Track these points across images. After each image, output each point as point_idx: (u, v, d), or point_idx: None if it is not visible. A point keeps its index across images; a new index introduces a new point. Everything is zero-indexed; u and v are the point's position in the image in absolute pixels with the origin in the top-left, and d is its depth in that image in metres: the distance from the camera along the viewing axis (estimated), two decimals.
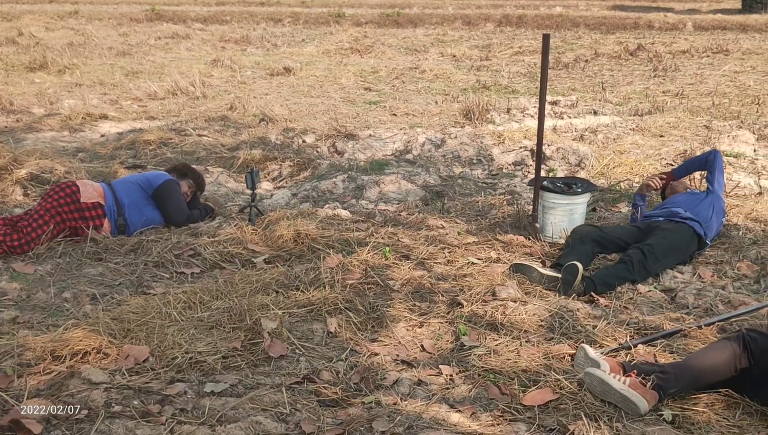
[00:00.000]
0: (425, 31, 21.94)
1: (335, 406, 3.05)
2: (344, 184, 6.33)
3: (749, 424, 2.97)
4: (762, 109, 9.92)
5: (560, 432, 2.86)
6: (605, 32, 21.58)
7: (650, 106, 10.13)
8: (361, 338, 3.64)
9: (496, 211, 5.71)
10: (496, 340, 3.62)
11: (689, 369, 3.06)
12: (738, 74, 13.40)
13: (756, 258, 4.68)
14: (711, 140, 7.94)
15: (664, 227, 4.72)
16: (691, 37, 20.23)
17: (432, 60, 15.55)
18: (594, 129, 8.73)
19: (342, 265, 4.36)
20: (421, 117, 9.57)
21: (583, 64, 14.91)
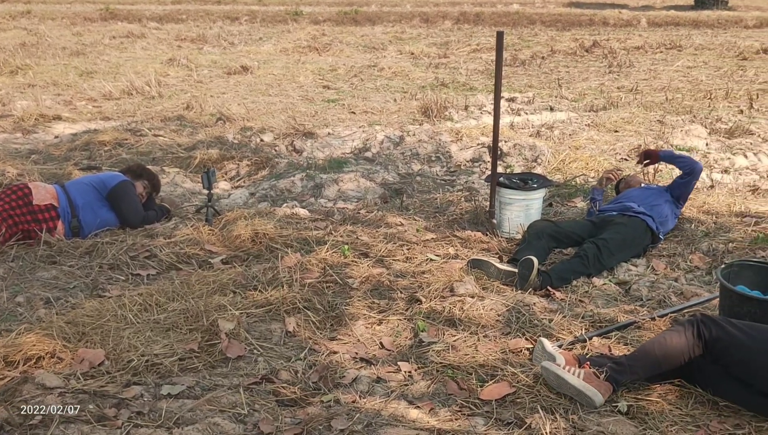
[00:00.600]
0: (383, 28, 21.97)
1: (294, 406, 3.04)
2: (303, 182, 6.31)
3: (702, 413, 3.03)
4: (714, 103, 10.13)
5: (517, 425, 2.89)
6: (561, 29, 21.85)
7: (605, 101, 10.28)
8: (320, 337, 3.64)
9: (454, 207, 5.74)
10: (455, 335, 3.64)
11: (643, 357, 3.11)
12: (690, 69, 13.66)
13: (708, 250, 4.78)
14: (664, 135, 8.09)
15: (617, 221, 4.80)
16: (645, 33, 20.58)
17: (390, 58, 15.58)
18: (550, 125, 8.83)
19: (300, 264, 4.35)
20: (379, 115, 9.58)
21: (539, 61, 15.07)
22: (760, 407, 2.96)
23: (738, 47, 16.31)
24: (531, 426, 2.86)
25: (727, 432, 2.89)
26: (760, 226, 5.05)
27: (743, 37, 18.95)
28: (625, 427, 2.90)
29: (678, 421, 2.96)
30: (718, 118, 9.03)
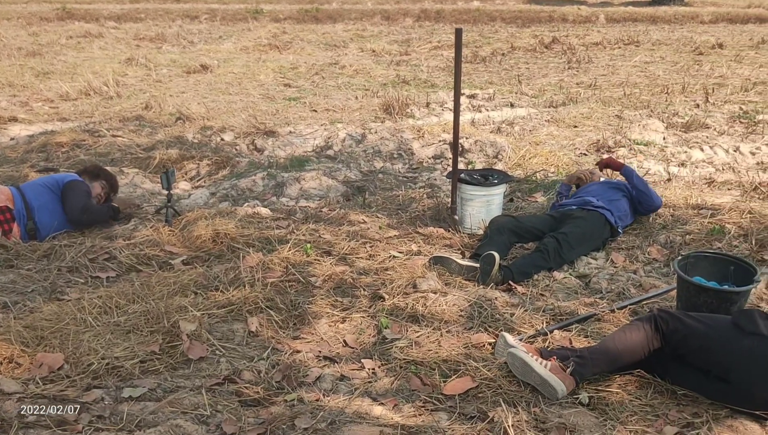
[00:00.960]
0: (344, 26, 21.94)
1: (257, 406, 3.03)
2: (264, 181, 6.28)
3: (661, 402, 3.08)
4: (671, 98, 10.30)
5: (480, 419, 2.91)
6: (521, 26, 22.03)
7: (564, 97, 10.39)
8: (283, 336, 3.62)
9: (416, 204, 5.75)
10: (418, 331, 3.65)
11: (605, 352, 3.15)
12: (648, 65, 13.86)
13: (665, 242, 4.86)
14: (622, 129, 8.19)
15: (577, 215, 4.86)
16: (603, 29, 20.83)
17: (352, 55, 15.57)
18: (511, 121, 8.90)
19: (262, 264, 4.33)
20: (341, 113, 9.57)
21: (500, 58, 15.17)
22: (717, 394, 3.02)
23: (694, 42, 16.58)
24: (494, 419, 2.88)
25: (686, 420, 2.94)
26: (716, 218, 5.15)
27: (699, 33, 19.29)
28: (586, 418, 2.94)
29: (638, 411, 3.00)
30: (674, 113, 9.18)
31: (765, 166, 6.91)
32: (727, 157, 7.23)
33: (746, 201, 5.61)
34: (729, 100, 10.10)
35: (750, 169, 6.81)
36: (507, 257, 4.69)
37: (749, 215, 5.12)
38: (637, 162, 6.99)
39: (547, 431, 2.82)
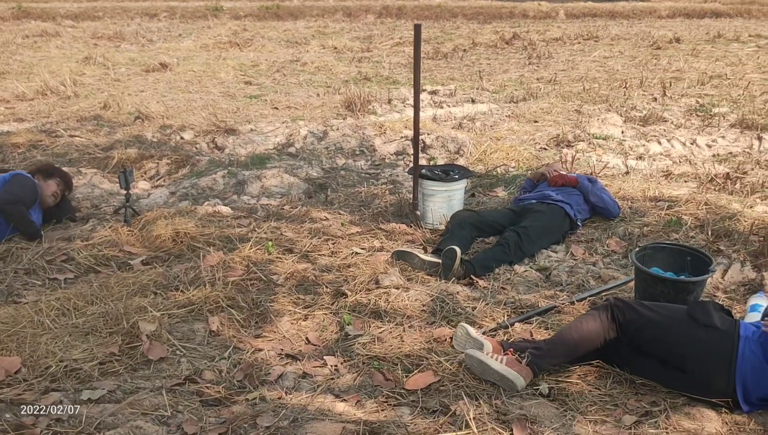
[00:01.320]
0: (306, 23, 21.86)
1: (218, 405, 3.01)
2: (225, 180, 6.23)
3: (620, 392, 3.13)
4: (629, 92, 10.44)
5: (443, 413, 2.92)
6: (482, 22, 22.15)
7: (525, 93, 10.46)
8: (245, 335, 3.60)
9: (378, 200, 5.75)
10: (380, 327, 3.66)
11: (562, 343, 3.19)
12: (607, 59, 14.04)
13: (624, 234, 4.93)
14: (582, 124, 8.28)
15: (537, 209, 4.90)
16: (563, 24, 21.05)
17: (313, 52, 15.52)
18: (472, 117, 8.94)
19: (223, 263, 4.29)
20: (303, 110, 9.53)
21: (461, 54, 15.24)
22: (674, 382, 3.07)
23: (652, 37, 16.83)
24: (456, 413, 2.90)
25: (644, 409, 2.99)
26: (672, 209, 5.23)
27: (657, 27, 19.59)
28: (546, 409, 2.97)
29: (597, 401, 3.04)
30: (633, 107, 9.30)
31: (721, 159, 7.03)
32: (684, 149, 7.35)
33: (702, 193, 5.71)
34: (686, 93, 10.26)
35: (706, 161, 6.93)
36: (468, 252, 4.71)
37: (705, 206, 5.21)
38: (596, 156, 7.07)
39: (509, 423, 2.84)
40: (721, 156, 7.14)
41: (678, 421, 2.88)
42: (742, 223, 4.87)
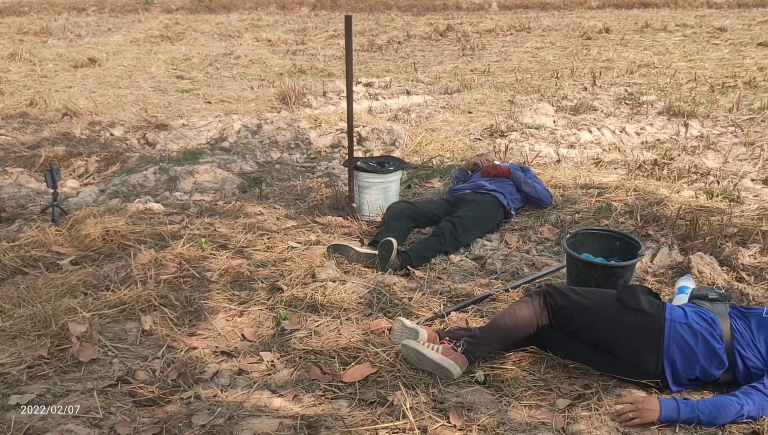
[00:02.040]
0: (239, 16, 21.59)
1: (152, 405, 2.95)
2: (156, 176, 6.11)
3: (553, 376, 3.18)
4: (560, 82, 10.61)
5: (380, 404, 2.93)
6: (417, 14, 22.22)
7: (459, 84, 10.55)
8: (179, 333, 3.54)
9: (314, 194, 5.72)
10: (317, 321, 3.64)
11: (496, 330, 3.22)
12: (539, 50, 14.24)
13: (556, 222, 5.01)
14: (514, 114, 8.38)
15: (471, 199, 4.95)
16: (496, 16, 21.26)
17: (247, 45, 15.34)
18: (407, 109, 8.97)
19: (155, 261, 4.21)
20: (236, 103, 9.42)
21: (396, 46, 15.26)
22: (606, 365, 3.14)
23: (582, 27, 17.14)
24: (393, 403, 2.90)
25: (577, 392, 3.04)
26: (603, 196, 5.34)
27: (587, 18, 19.95)
28: (482, 396, 3.00)
29: (531, 386, 3.09)
30: (564, 96, 9.46)
31: (649, 146, 7.21)
32: (614, 137, 7.51)
33: (631, 179, 5.85)
34: (615, 82, 10.48)
35: (635, 148, 7.10)
36: (405, 243, 4.72)
37: (634, 193, 5.34)
38: (528, 145, 7.17)
39: (446, 411, 2.86)
40: (649, 143, 7.32)
41: (609, 403, 2.94)
42: (669, 207, 5.01)
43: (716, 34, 15.70)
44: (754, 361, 2.96)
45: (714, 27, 16.68)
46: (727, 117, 8.17)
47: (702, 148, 6.93)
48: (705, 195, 5.48)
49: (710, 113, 8.37)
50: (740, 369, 2.98)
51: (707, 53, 13.15)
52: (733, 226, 4.68)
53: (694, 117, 8.15)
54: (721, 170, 6.16)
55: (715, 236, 4.52)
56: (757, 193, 5.50)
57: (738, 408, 2.76)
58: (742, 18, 18.61)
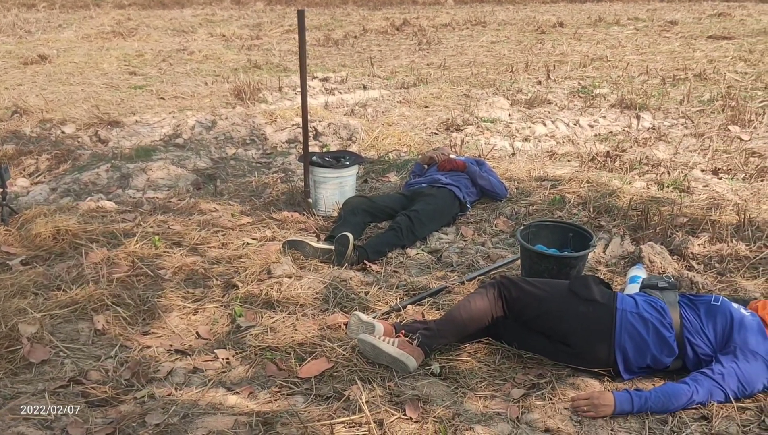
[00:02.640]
0: (193, 11, 21.33)
1: (105, 405, 2.91)
2: (108, 174, 6.01)
3: (508, 367, 3.22)
4: (515, 76, 10.69)
5: (336, 398, 2.93)
6: (373, 8, 22.18)
7: (415, 78, 10.56)
8: (132, 332, 3.50)
9: (270, 189, 5.69)
10: (273, 317, 3.62)
11: (451, 323, 3.24)
12: (494, 44, 14.33)
13: (511, 214, 5.05)
14: (470, 108, 8.43)
15: (427, 193, 4.97)
16: (452, 10, 21.32)
17: (201, 41, 15.18)
18: (364, 103, 8.96)
19: (107, 259, 4.15)
20: (190, 99, 9.30)
21: (352, 41, 15.22)
22: (559, 355, 3.18)
23: (537, 21, 17.28)
24: (349, 397, 2.91)
25: (531, 382, 3.08)
26: (556, 188, 5.40)
27: (542, 12, 20.11)
28: (438, 388, 3.02)
29: (486, 377, 3.12)
30: (519, 90, 9.54)
31: (602, 138, 7.31)
32: (568, 130, 7.60)
33: (584, 171, 5.92)
34: (569, 76, 10.60)
35: (588, 140, 7.19)
36: (362, 237, 4.72)
37: (587, 184, 5.41)
38: (484, 139, 7.21)
39: (401, 404, 2.87)
40: (602, 135, 7.42)
41: (563, 392, 2.98)
42: (621, 199, 5.09)
43: (667, 27, 15.96)
44: (703, 348, 3.02)
45: (665, 20, 16.95)
46: (678, 109, 8.32)
47: (653, 139, 7.05)
48: (656, 186, 5.58)
49: (661, 105, 8.51)
50: (690, 356, 3.04)
51: (659, 46, 13.36)
52: (683, 216, 4.77)
53: (645, 109, 8.28)
54: (671, 161, 6.28)
55: (665, 226, 4.60)
56: (706, 184, 5.61)
57: (688, 395, 2.82)
58: (693, 11, 18.95)
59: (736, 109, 7.91)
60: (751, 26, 15.57)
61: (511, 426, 2.77)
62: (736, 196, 5.23)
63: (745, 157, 6.29)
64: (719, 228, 4.54)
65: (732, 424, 2.76)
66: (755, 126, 7.41)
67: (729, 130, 7.28)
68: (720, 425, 2.75)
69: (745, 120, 7.55)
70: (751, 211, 4.80)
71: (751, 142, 6.92)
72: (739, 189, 5.46)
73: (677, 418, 2.80)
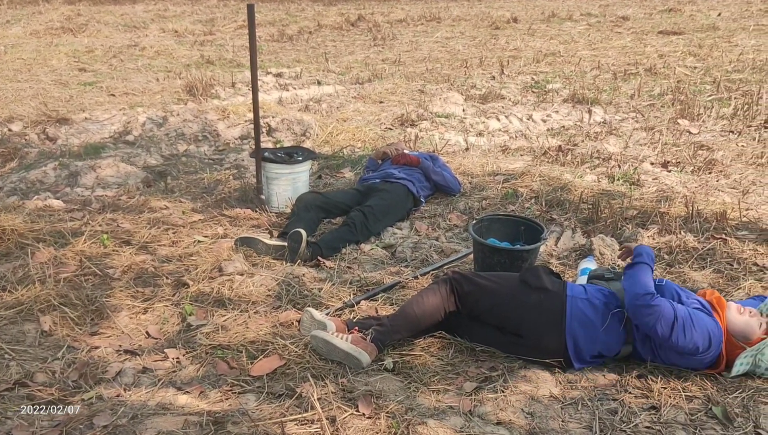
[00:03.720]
0: (145, 7, 20.99)
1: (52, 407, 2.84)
2: (56, 172, 5.88)
3: (461, 361, 3.22)
4: (469, 71, 10.74)
5: (288, 396, 2.90)
6: (327, 4, 22.07)
7: (370, 74, 10.54)
8: (80, 333, 3.42)
9: (222, 186, 5.62)
10: (224, 315, 3.58)
11: (403, 318, 3.24)
12: (449, 40, 14.38)
13: (464, 208, 5.07)
14: (425, 103, 8.44)
15: (381, 188, 4.96)
16: (407, 6, 21.32)
17: (153, 37, 14.95)
18: (318, 99, 8.91)
19: (54, 259, 4.06)
20: (141, 96, 9.15)
21: (307, 36, 15.15)
22: (511, 347, 3.20)
23: (491, 17, 17.38)
24: (302, 395, 2.88)
25: (484, 375, 3.09)
26: (509, 183, 5.43)
27: (496, 8, 20.22)
28: (391, 383, 3.01)
29: (439, 371, 3.12)
30: (473, 85, 9.59)
31: (554, 132, 7.38)
32: (521, 125, 7.66)
33: (537, 165, 5.97)
34: (522, 71, 10.68)
35: (540, 135, 7.25)
36: (315, 233, 4.70)
37: (539, 178, 5.46)
38: (438, 134, 7.23)
39: (354, 400, 2.86)
40: (554, 130, 7.50)
41: (515, 384, 3.00)
42: (573, 192, 5.14)
43: (619, 22, 16.19)
44: None
45: (617, 16, 17.19)
46: (629, 103, 8.44)
47: (604, 133, 7.14)
48: (607, 179, 5.65)
49: (613, 100, 8.63)
50: (639, 341, 3.09)
51: (610, 42, 13.54)
52: (633, 208, 4.84)
53: (597, 104, 8.39)
54: (622, 155, 6.36)
55: (616, 219, 4.67)
56: (656, 177, 5.70)
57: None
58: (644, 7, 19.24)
59: (685, 104, 8.06)
60: (701, 21, 15.87)
61: (464, 419, 2.77)
62: (685, 189, 5.33)
63: (693, 151, 6.41)
64: (668, 220, 4.61)
65: (680, 412, 2.80)
66: (704, 120, 7.55)
67: (678, 124, 7.42)
68: (668, 414, 2.80)
69: (693, 114, 7.69)
70: (699, 203, 4.89)
71: (700, 135, 7.05)
72: (687, 181, 5.56)
73: (626, 408, 2.84)
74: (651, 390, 2.94)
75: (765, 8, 17.83)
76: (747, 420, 2.75)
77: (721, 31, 14.50)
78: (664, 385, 2.97)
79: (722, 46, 12.55)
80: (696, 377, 3.03)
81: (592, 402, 2.89)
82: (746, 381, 3.01)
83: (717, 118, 7.60)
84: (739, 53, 11.60)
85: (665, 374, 3.06)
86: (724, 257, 4.18)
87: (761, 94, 8.41)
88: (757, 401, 2.86)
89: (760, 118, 7.49)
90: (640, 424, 2.75)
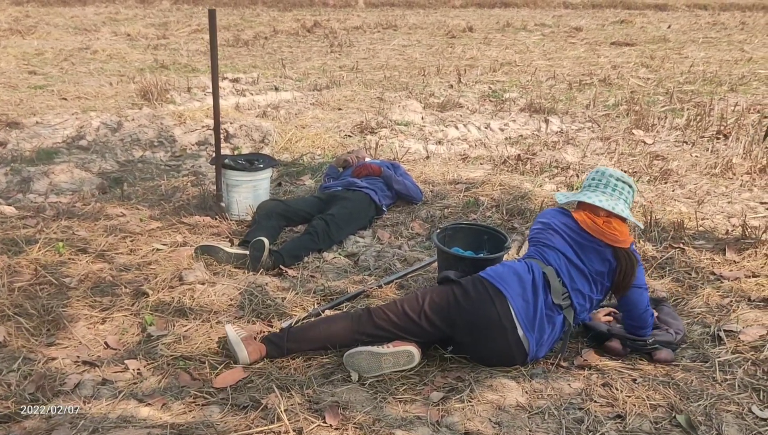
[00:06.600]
0: (95, 9, 20.67)
1: (8, 422, 2.74)
2: (7, 177, 5.71)
3: (427, 371, 3.21)
4: (427, 79, 10.79)
5: (254, 408, 2.85)
6: (283, 9, 22.03)
7: (328, 80, 10.52)
8: (36, 344, 3.32)
9: (180, 193, 5.53)
10: (186, 325, 3.51)
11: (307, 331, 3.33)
12: (406, 48, 14.44)
13: (426, 217, 5.07)
14: (384, 111, 8.45)
15: (343, 196, 4.93)
16: (363, 13, 21.38)
17: (104, 40, 14.71)
18: (276, 105, 8.86)
19: (8, 268, 3.93)
20: (94, 100, 8.97)
21: (263, 42, 15.06)
22: (473, 344, 3.22)
23: (447, 26, 17.52)
24: (267, 406, 2.83)
25: (450, 385, 3.08)
26: (470, 191, 5.45)
27: (452, 17, 20.41)
28: (358, 394, 2.98)
29: (406, 381, 3.10)
30: (431, 93, 9.63)
31: (512, 141, 7.44)
32: (479, 133, 7.71)
33: (497, 174, 6.01)
34: (479, 80, 10.77)
35: (499, 144, 7.30)
36: (277, 241, 4.65)
37: (500, 187, 5.49)
38: (398, 142, 7.24)
39: (321, 411, 2.82)
40: (512, 139, 7.56)
41: (482, 394, 2.99)
42: (533, 201, 5.18)
43: (573, 33, 16.45)
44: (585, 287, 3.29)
45: (571, 26, 17.48)
46: (585, 113, 8.56)
47: (562, 143, 7.23)
48: (566, 188, 5.71)
49: (569, 109, 8.75)
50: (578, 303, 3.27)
51: (565, 52, 13.75)
52: None
53: (554, 113, 8.50)
54: (580, 164, 6.44)
55: None
56: None
57: None
58: (597, 18, 19.60)
59: (640, 114, 8.21)
60: (652, 33, 16.22)
61: (432, 429, 2.76)
62: (642, 198, 5.41)
63: (649, 160, 6.52)
64: None
65: (645, 421, 2.83)
66: (658, 130, 7.70)
67: (633, 134, 7.54)
68: (634, 422, 2.82)
69: (648, 124, 7.84)
70: (656, 213, 4.97)
71: (655, 145, 7.18)
72: (644, 191, 5.65)
73: (592, 417, 2.86)
74: (616, 399, 2.96)
75: (713, 21, 18.31)
76: (710, 428, 2.78)
77: (672, 43, 14.84)
78: (629, 393, 3.00)
79: (673, 57, 12.85)
80: (659, 386, 3.07)
81: (558, 411, 2.90)
82: (708, 389, 3.05)
83: (671, 129, 7.75)
84: (690, 65, 11.88)
85: (629, 383, 3.09)
86: (682, 266, 4.25)
87: (713, 105, 8.61)
88: (719, 409, 2.90)
89: (713, 129, 7.67)
90: (606, 433, 2.76)
